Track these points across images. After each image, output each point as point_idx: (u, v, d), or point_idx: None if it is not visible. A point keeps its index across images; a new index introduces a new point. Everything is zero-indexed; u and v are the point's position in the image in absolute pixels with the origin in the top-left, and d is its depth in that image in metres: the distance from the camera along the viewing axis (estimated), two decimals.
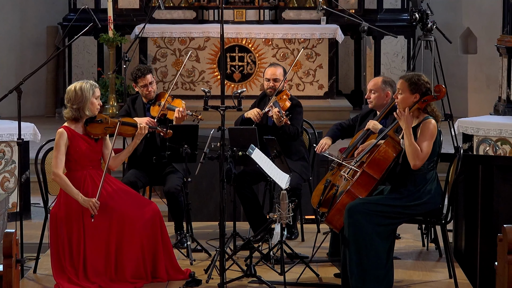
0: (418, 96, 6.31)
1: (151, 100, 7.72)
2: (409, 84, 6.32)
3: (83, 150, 6.57)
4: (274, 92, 7.70)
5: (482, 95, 12.40)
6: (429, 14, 10.06)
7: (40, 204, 8.12)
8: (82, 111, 6.56)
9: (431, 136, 6.24)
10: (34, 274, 6.87)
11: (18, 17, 12.66)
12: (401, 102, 6.35)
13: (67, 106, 6.62)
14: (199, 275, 6.63)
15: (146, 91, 7.65)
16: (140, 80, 7.63)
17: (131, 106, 7.76)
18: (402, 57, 12.48)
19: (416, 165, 6.22)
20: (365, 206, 6.24)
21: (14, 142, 8.45)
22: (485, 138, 8.57)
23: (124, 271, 6.50)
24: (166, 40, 11.93)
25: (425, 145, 6.22)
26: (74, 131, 6.59)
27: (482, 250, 7.08)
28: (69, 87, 6.59)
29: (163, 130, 7.10)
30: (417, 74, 6.46)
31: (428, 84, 6.35)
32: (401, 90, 6.36)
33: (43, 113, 12.79)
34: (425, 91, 6.32)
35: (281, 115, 7.42)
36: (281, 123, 7.47)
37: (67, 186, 6.48)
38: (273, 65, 7.87)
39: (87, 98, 6.53)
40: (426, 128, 6.26)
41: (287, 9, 12.38)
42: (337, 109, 11.56)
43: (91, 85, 6.57)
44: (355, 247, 6.22)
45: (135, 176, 7.54)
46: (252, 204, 7.61)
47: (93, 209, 6.42)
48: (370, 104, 7.25)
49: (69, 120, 6.63)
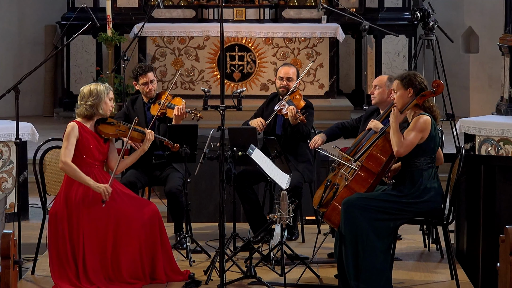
0: (411, 91, 6.36)
1: (151, 99, 7.69)
2: (401, 81, 6.40)
3: (91, 147, 6.61)
4: (286, 92, 7.69)
5: (484, 95, 12.41)
6: (431, 13, 10.07)
7: (38, 204, 8.11)
8: (96, 109, 6.64)
9: (419, 129, 6.28)
10: (32, 275, 6.85)
11: (16, 15, 12.66)
12: (398, 101, 6.40)
13: (80, 105, 6.68)
14: (198, 276, 6.62)
15: (146, 89, 7.64)
16: (141, 78, 7.63)
17: (131, 107, 7.75)
18: (403, 56, 12.49)
19: (398, 152, 6.26)
20: (361, 200, 6.26)
21: (12, 142, 8.43)
22: (487, 138, 8.55)
23: (122, 272, 6.50)
24: (165, 39, 11.94)
25: (410, 135, 6.27)
26: (86, 126, 6.65)
27: (484, 251, 7.08)
28: (84, 86, 6.71)
29: (171, 143, 7.12)
30: (411, 71, 6.54)
31: (423, 82, 6.40)
32: (396, 90, 6.43)
33: (41, 112, 12.79)
34: (419, 86, 6.37)
35: (297, 113, 7.38)
36: (296, 121, 7.45)
37: (77, 173, 6.52)
38: (287, 64, 7.88)
39: (102, 97, 6.62)
40: (416, 121, 6.32)
41: (287, 7, 12.38)
42: (338, 108, 11.56)
43: (106, 86, 6.71)
44: (351, 242, 6.22)
45: (134, 176, 7.53)
46: (252, 204, 7.59)
47: (105, 195, 6.46)
48: (373, 100, 7.29)
49: (81, 118, 6.68)
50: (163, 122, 7.58)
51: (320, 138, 7.41)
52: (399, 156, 6.30)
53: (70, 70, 12.45)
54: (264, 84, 11.95)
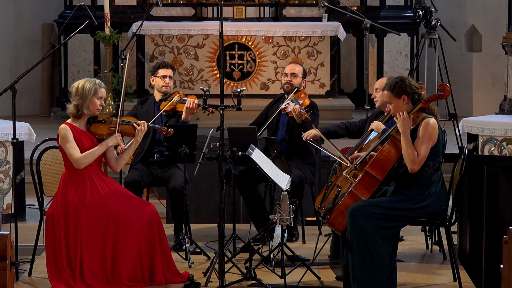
0: (406, 98, 6.24)
1: (164, 96, 7.68)
2: (392, 91, 6.26)
3: (86, 148, 6.57)
4: (291, 88, 7.68)
5: (487, 94, 12.43)
6: (433, 11, 10.08)
7: (35, 205, 8.08)
8: (81, 109, 6.56)
9: (428, 138, 6.20)
10: (29, 277, 6.85)
11: (12, 14, 12.68)
12: (395, 110, 6.29)
13: (71, 102, 6.63)
14: (197, 278, 6.61)
15: (164, 83, 7.65)
16: (161, 70, 7.66)
17: (139, 106, 7.77)
18: (405, 55, 12.50)
19: (413, 169, 6.20)
20: (368, 208, 6.21)
21: (9, 142, 8.42)
22: (490, 138, 8.53)
23: (120, 274, 6.48)
24: (164, 38, 11.96)
25: (422, 149, 6.19)
26: (78, 128, 6.59)
27: (487, 252, 7.08)
28: (75, 82, 6.62)
29: (164, 128, 7.08)
30: (398, 77, 6.36)
31: (414, 85, 6.27)
32: (389, 101, 6.31)
33: (38, 112, 12.82)
34: (411, 91, 6.25)
35: (301, 110, 7.34)
36: (301, 119, 7.41)
37: (94, 152, 6.53)
38: (294, 63, 7.92)
39: (86, 96, 6.51)
40: (424, 129, 6.22)
41: (287, 6, 12.38)
42: (339, 108, 11.56)
43: (95, 84, 6.56)
44: (358, 250, 6.18)
45: (139, 175, 7.51)
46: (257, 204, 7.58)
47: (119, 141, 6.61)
48: (376, 103, 7.29)
49: (72, 117, 6.64)
50: (172, 117, 7.59)
51: (314, 131, 7.31)
52: (413, 172, 6.22)
53: (68, 69, 12.46)
54: (264, 83, 11.94)
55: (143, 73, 11.91)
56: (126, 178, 7.48)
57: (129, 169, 7.71)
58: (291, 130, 7.61)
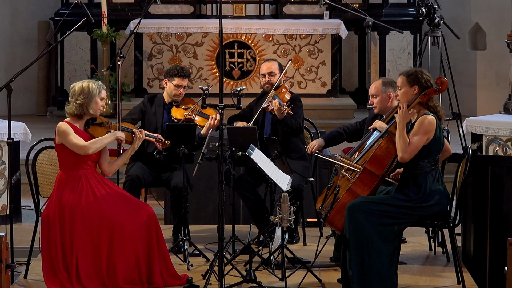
0: (417, 88, 6.32)
1: (175, 102, 7.65)
2: (407, 77, 6.36)
3: None
4: (271, 87, 7.66)
5: (491, 93, 12.43)
6: (436, 9, 10.17)
7: (31, 206, 8.09)
8: (86, 108, 6.60)
9: (424, 131, 6.23)
10: (24, 279, 6.82)
11: (8, 12, 12.69)
12: (402, 97, 6.36)
13: (70, 102, 6.66)
14: (196, 281, 6.58)
15: (177, 91, 7.62)
16: (178, 79, 7.61)
17: (148, 104, 7.72)
18: (408, 53, 12.51)
19: (403, 158, 6.22)
20: (366, 205, 6.22)
21: (4, 142, 8.39)
22: (495, 138, 8.51)
23: (117, 276, 6.47)
24: (162, 36, 11.95)
25: (415, 139, 6.23)
26: (76, 127, 6.62)
27: (492, 254, 7.10)
28: (76, 83, 6.68)
29: (160, 140, 7.12)
30: (418, 68, 6.52)
31: (429, 80, 6.36)
32: (400, 86, 6.40)
33: (34, 111, 12.83)
34: (425, 84, 6.33)
35: (282, 106, 7.35)
36: (283, 115, 7.41)
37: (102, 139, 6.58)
38: (268, 60, 7.89)
39: (93, 95, 6.60)
40: (420, 122, 6.27)
41: (288, 3, 12.37)
42: (341, 107, 11.55)
43: (99, 85, 6.68)
44: (355, 247, 6.19)
45: (141, 173, 7.48)
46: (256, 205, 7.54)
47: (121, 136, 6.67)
48: (375, 109, 7.23)
49: (71, 117, 6.66)
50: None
51: (317, 142, 7.36)
52: (403, 162, 6.26)
53: (64, 68, 12.47)
54: None
55: (141, 72, 11.92)
56: (129, 172, 7.47)
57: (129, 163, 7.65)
58: (276, 127, 7.57)
